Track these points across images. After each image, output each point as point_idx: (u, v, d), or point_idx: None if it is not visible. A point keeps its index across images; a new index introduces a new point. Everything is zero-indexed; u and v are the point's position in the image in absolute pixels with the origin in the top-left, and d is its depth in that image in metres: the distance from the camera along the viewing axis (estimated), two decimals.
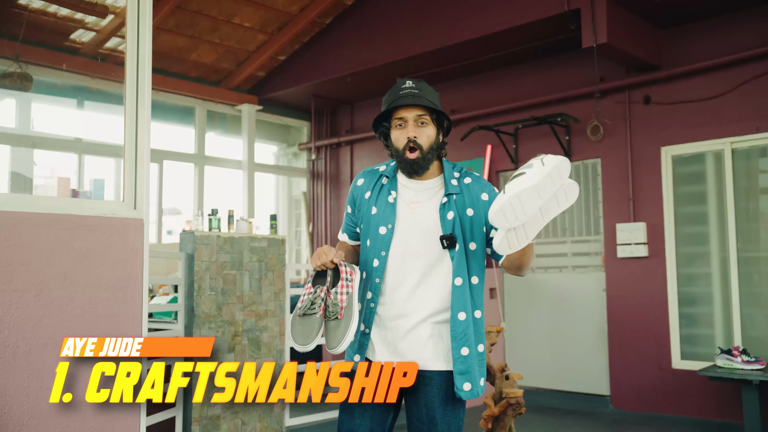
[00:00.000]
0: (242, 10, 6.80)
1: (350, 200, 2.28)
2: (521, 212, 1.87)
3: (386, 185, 2.20)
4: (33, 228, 2.28)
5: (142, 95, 2.69)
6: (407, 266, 2.12)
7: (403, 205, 2.17)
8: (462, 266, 2.11)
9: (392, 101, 2.14)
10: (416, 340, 2.10)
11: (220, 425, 4.30)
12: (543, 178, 1.87)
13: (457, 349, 2.09)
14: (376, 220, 2.16)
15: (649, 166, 5.89)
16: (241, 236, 4.55)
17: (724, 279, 5.49)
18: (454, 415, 2.12)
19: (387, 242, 2.13)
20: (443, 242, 2.10)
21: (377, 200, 2.19)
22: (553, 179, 1.88)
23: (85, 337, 1.92)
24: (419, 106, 2.13)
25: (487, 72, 6.98)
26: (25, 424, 2.20)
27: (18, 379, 2.20)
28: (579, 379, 6.26)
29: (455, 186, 2.18)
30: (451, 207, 2.14)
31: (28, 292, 2.24)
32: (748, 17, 5.47)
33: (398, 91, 2.15)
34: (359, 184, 2.26)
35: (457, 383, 2.08)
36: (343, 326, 2.00)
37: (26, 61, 4.34)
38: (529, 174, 1.89)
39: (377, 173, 2.25)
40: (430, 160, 2.16)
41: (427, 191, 2.19)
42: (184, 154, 7.51)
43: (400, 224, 2.14)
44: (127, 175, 2.66)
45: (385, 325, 2.12)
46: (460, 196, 2.17)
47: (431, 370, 2.10)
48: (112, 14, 5.49)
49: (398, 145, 2.16)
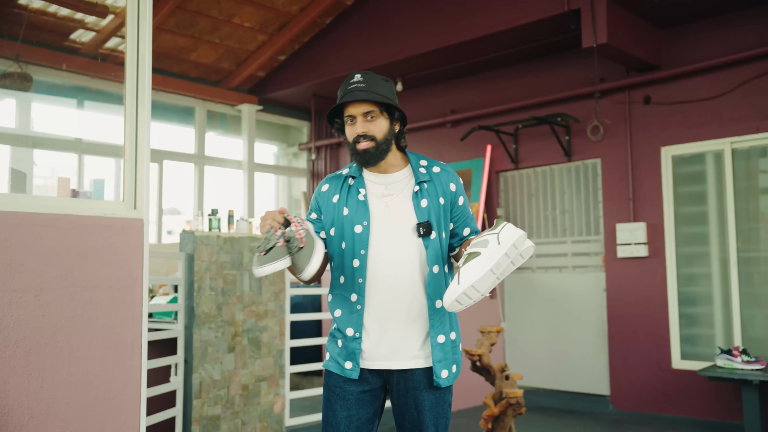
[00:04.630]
0: (242, 10, 6.80)
1: (314, 207, 2.24)
2: (476, 294, 1.88)
3: (354, 185, 2.18)
4: (33, 228, 2.28)
5: (142, 95, 2.69)
6: (390, 262, 2.09)
7: (375, 201, 2.15)
8: (437, 254, 2.10)
9: (340, 97, 2.12)
10: (408, 339, 2.09)
11: (220, 425, 4.30)
12: (499, 259, 1.85)
13: (434, 336, 2.09)
14: (349, 220, 2.13)
15: (649, 166, 5.89)
16: (241, 236, 4.55)
17: (724, 279, 5.49)
18: (443, 412, 2.13)
19: (365, 240, 2.09)
20: (419, 230, 2.09)
21: (347, 201, 2.16)
22: (510, 255, 1.87)
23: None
24: (366, 101, 2.10)
25: (487, 72, 6.98)
26: (25, 424, 2.20)
27: (18, 379, 2.20)
28: (579, 379, 6.25)
29: (424, 174, 2.17)
30: (424, 195, 2.14)
31: (28, 292, 2.24)
32: (748, 17, 5.47)
33: (347, 86, 2.12)
34: (324, 190, 2.23)
35: (435, 371, 2.08)
36: (307, 250, 1.99)
37: (26, 61, 4.34)
38: (485, 256, 1.87)
39: (341, 176, 2.23)
40: (384, 150, 2.13)
41: (396, 183, 2.17)
42: (184, 154, 7.51)
43: (375, 220, 2.12)
44: (127, 175, 2.66)
45: (375, 328, 2.09)
46: (431, 184, 2.16)
47: (421, 368, 2.09)
48: (112, 14, 5.48)
49: (349, 140, 2.15)
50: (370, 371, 2.11)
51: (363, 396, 2.10)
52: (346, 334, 2.11)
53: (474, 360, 4.26)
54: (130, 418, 2.50)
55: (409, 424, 2.11)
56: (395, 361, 2.09)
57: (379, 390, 2.14)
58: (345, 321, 2.11)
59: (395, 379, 2.11)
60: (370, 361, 2.09)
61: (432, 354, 2.08)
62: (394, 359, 2.08)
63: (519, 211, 6.82)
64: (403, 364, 2.08)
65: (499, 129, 6.64)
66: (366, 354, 2.09)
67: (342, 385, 2.10)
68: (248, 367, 4.49)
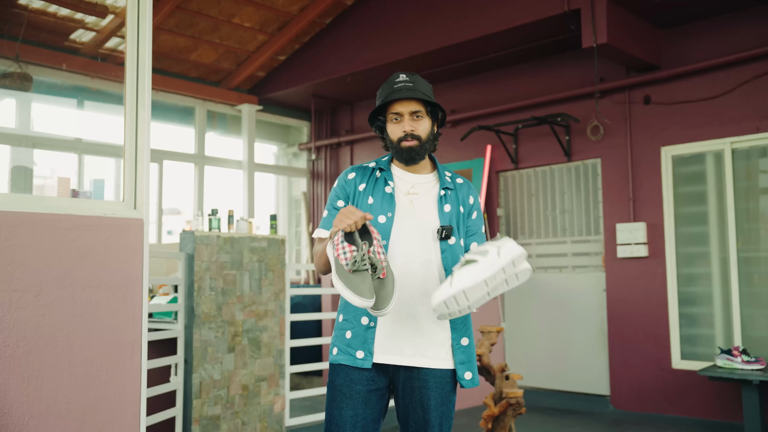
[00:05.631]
0: (242, 10, 6.80)
1: (342, 194, 2.21)
2: (465, 302, 1.85)
3: (381, 176, 2.21)
4: (33, 228, 2.28)
5: (142, 95, 2.69)
6: (408, 257, 2.10)
7: (401, 196, 2.18)
8: (452, 260, 2.12)
9: (387, 95, 2.14)
10: (418, 337, 2.09)
11: (220, 425, 4.30)
12: (496, 272, 1.83)
13: (457, 339, 2.11)
14: (375, 210, 2.14)
15: (649, 166, 5.89)
16: (241, 236, 4.55)
17: (724, 279, 5.49)
18: (447, 411, 2.13)
19: (387, 231, 2.11)
20: (441, 233, 2.10)
21: (373, 191, 2.18)
22: (506, 271, 1.85)
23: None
24: (414, 99, 2.13)
25: (487, 72, 6.98)
26: (25, 424, 2.20)
27: (18, 379, 2.20)
28: (579, 379, 6.25)
29: (449, 182, 2.22)
30: (448, 200, 2.18)
31: (28, 292, 2.24)
32: (748, 17, 5.47)
33: (393, 84, 2.15)
34: (350, 178, 2.23)
35: (459, 373, 2.10)
36: (389, 286, 1.85)
37: (26, 61, 4.33)
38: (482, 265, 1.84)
39: (368, 168, 2.25)
40: (427, 149, 2.18)
41: (423, 184, 2.21)
42: (184, 154, 7.51)
43: (400, 214, 2.14)
44: (127, 175, 2.66)
45: (388, 320, 2.09)
46: (454, 192, 2.20)
47: (430, 368, 2.09)
48: (112, 14, 5.48)
49: (394, 137, 2.17)
50: (377, 367, 2.10)
51: (370, 396, 2.10)
52: (360, 323, 2.10)
53: None
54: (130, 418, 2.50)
55: (414, 422, 2.11)
56: (403, 357, 2.08)
57: (385, 389, 2.14)
58: (360, 310, 2.10)
59: (401, 377, 2.11)
60: (380, 354, 2.09)
61: (455, 355, 2.10)
62: (403, 354, 2.08)
63: (519, 211, 6.82)
64: (412, 361, 2.08)
65: (499, 129, 6.64)
66: (377, 346, 2.08)
67: (350, 385, 2.09)
68: (248, 367, 4.49)
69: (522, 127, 6.58)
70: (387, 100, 2.14)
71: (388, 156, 2.28)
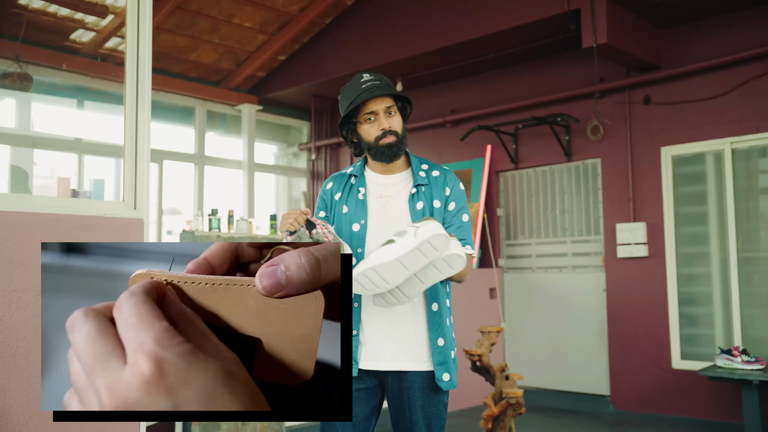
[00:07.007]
0: (242, 10, 6.80)
1: (322, 205, 2.25)
2: (382, 282, 1.84)
3: (355, 183, 2.21)
4: (33, 228, 2.28)
5: (142, 95, 2.69)
6: None
7: (373, 201, 2.18)
8: None
9: (358, 95, 2.13)
10: (402, 341, 2.09)
11: (220, 425, 4.30)
12: (410, 251, 1.82)
13: (433, 340, 2.10)
14: (348, 218, 2.16)
15: (649, 166, 5.89)
16: (241, 236, 4.55)
17: (724, 279, 5.49)
18: (437, 412, 2.13)
19: (362, 238, 2.12)
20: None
21: (347, 199, 2.19)
22: (425, 252, 1.83)
23: None
24: (387, 95, 2.14)
25: (487, 72, 6.98)
26: (25, 424, 2.20)
27: (18, 379, 2.20)
28: (579, 379, 6.25)
29: (423, 177, 2.19)
30: (420, 197, 2.15)
31: (28, 292, 2.24)
32: (748, 17, 5.47)
33: (359, 85, 2.14)
34: (329, 188, 2.26)
35: (437, 374, 2.08)
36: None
37: (26, 61, 4.34)
38: (397, 245, 1.85)
39: (345, 175, 2.26)
40: (405, 144, 2.18)
41: (395, 185, 2.20)
42: (184, 154, 7.51)
43: (373, 219, 2.14)
44: (127, 175, 2.66)
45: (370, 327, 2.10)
46: (428, 188, 2.18)
47: (413, 371, 2.10)
48: (112, 14, 5.49)
49: (370, 137, 2.15)
50: (365, 371, 2.11)
51: (359, 394, 2.11)
52: None
53: (474, 360, 4.26)
54: None
55: (403, 424, 2.12)
56: (389, 362, 2.09)
57: (375, 389, 2.14)
58: None
59: (390, 381, 2.12)
60: (365, 361, 2.10)
61: (432, 357, 2.09)
62: (388, 360, 2.09)
63: (519, 211, 6.82)
64: (396, 365, 2.09)
65: (499, 129, 6.64)
66: (362, 353, 2.10)
67: None
68: None
69: (522, 127, 6.58)
70: (361, 100, 2.11)
71: (361, 161, 2.27)
